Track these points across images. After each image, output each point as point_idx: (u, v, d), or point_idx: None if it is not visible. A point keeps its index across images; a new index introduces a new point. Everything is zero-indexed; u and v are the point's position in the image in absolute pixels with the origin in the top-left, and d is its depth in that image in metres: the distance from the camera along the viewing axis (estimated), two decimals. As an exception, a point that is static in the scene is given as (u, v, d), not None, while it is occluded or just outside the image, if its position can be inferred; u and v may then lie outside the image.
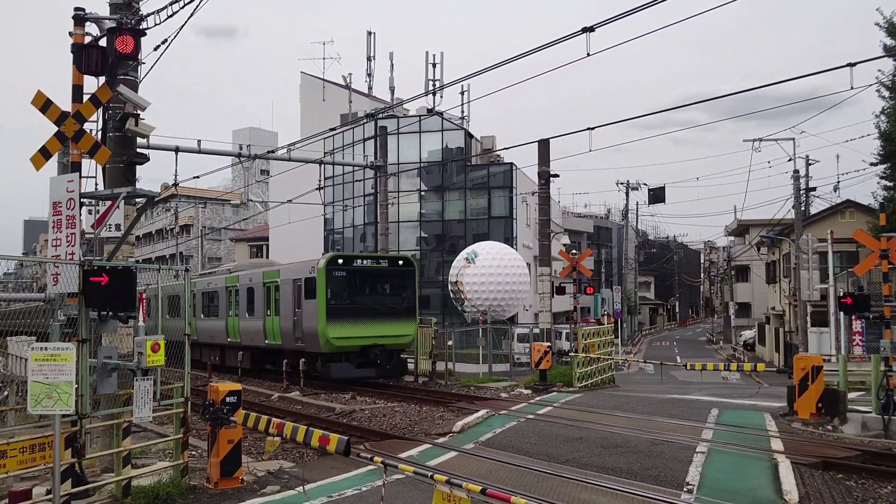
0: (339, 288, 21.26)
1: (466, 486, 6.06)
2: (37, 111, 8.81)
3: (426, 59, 43.18)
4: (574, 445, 11.94)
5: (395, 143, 39.53)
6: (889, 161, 31.39)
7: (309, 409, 18.31)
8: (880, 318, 14.04)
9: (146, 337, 8.28)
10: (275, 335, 23.38)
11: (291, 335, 22.32)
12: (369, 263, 22.38)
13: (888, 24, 30.60)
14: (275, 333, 23.36)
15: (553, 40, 12.71)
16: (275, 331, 23.35)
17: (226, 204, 70.99)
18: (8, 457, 7.30)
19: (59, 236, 8.61)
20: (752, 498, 8.75)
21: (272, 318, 23.63)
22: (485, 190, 43.14)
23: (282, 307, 22.91)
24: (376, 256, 23.49)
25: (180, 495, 8.95)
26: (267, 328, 23.89)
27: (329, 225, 46.89)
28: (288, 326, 22.55)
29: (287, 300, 22.61)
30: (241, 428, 9.70)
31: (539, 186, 25.61)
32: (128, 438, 9.04)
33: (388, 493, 7.94)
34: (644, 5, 11.51)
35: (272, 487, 9.51)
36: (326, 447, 9.80)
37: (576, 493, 8.93)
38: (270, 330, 23.67)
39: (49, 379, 6.98)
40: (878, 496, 9.06)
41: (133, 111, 10.58)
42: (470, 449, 11.90)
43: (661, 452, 11.19)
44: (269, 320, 23.82)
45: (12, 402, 11.94)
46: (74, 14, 10.25)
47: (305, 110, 52.04)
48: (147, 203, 10.51)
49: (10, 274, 74.54)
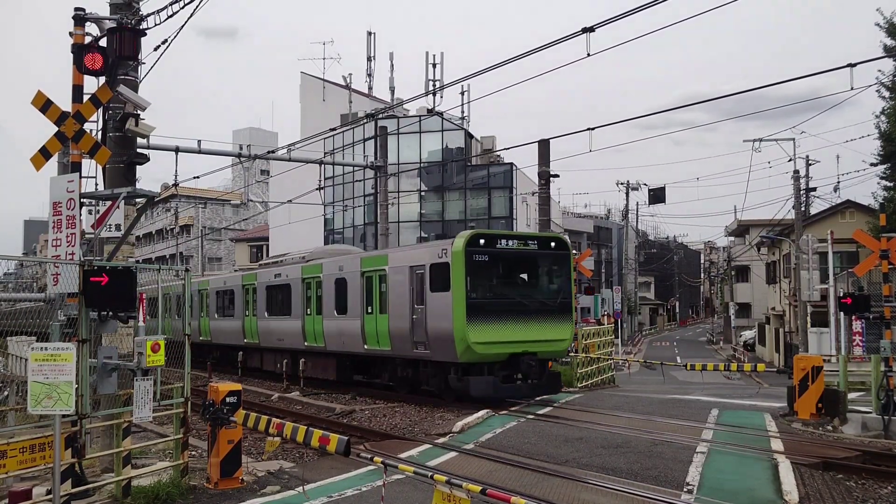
0: (480, 277, 16.53)
1: (466, 487, 6.06)
2: (37, 111, 8.82)
3: (426, 59, 43.28)
4: (574, 445, 11.94)
5: (395, 144, 39.55)
6: (889, 161, 31.41)
7: (309, 409, 18.32)
8: (880, 319, 14.06)
9: (146, 337, 8.28)
10: (380, 339, 18.58)
11: (407, 339, 17.45)
12: (516, 245, 17.15)
13: (888, 25, 30.62)
14: (380, 337, 18.56)
15: (553, 40, 12.74)
16: (380, 333, 18.56)
17: (226, 204, 71.06)
18: (8, 457, 7.30)
19: (60, 236, 8.61)
20: (753, 498, 8.75)
21: (375, 316, 18.88)
22: (485, 190, 43.16)
23: (392, 303, 18.06)
24: (523, 236, 18.55)
25: (180, 495, 8.95)
26: (367, 330, 19.12)
27: (329, 225, 46.91)
28: (402, 328, 17.62)
29: (400, 294, 17.72)
30: (241, 428, 9.71)
31: (539, 187, 25.60)
32: (128, 438, 9.04)
33: (388, 494, 7.94)
34: (644, 5, 11.52)
35: (272, 488, 9.51)
36: (326, 447, 9.82)
37: (576, 494, 8.93)
38: (372, 332, 18.91)
39: (49, 379, 6.98)
40: (878, 496, 9.06)
41: (133, 111, 10.60)
42: (470, 449, 11.90)
43: (661, 453, 11.18)
44: (371, 320, 19.06)
45: (12, 402, 11.95)
46: (74, 14, 10.26)
47: (305, 110, 52.08)
48: (147, 203, 10.51)
49: (10, 274, 74.54)
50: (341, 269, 20.56)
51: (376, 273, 18.95)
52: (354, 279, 19.73)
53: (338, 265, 20.81)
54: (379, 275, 18.81)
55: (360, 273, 19.54)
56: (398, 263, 18.13)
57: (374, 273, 19.07)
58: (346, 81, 49.29)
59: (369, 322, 19.07)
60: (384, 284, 18.52)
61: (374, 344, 18.81)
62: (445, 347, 16.27)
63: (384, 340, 18.39)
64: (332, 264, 21.17)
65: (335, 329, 20.57)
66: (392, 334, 17.99)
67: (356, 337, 19.50)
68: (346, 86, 48.95)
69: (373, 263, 19.23)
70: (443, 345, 16.34)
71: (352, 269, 20.03)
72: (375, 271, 19.01)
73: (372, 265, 19.22)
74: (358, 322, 19.43)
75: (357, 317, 19.49)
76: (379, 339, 18.59)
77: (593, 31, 12.06)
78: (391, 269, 18.28)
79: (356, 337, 19.50)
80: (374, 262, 19.18)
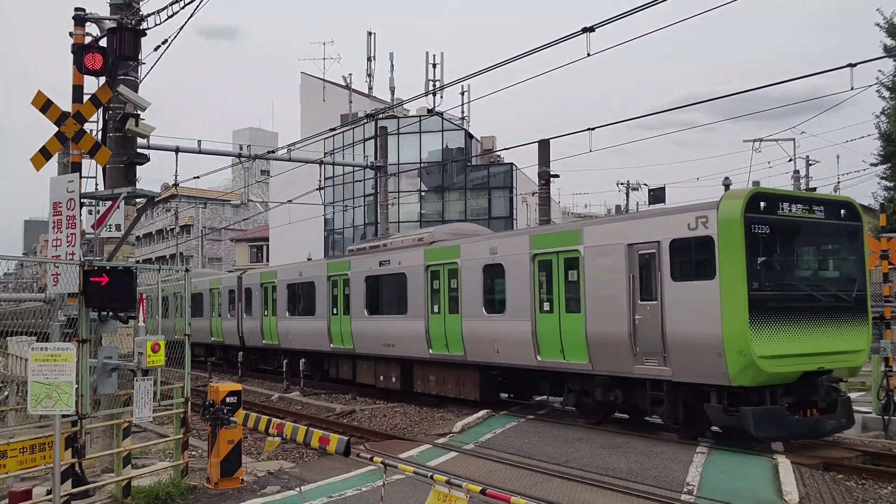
0: (764, 260, 11.74)
1: (466, 487, 6.06)
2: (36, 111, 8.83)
3: (426, 59, 43.33)
4: (574, 446, 11.95)
5: (396, 144, 39.54)
6: (889, 161, 31.42)
7: (309, 409, 18.33)
8: (880, 319, 14.03)
9: (146, 337, 8.28)
10: (569, 347, 13.69)
11: (623, 349, 12.54)
12: (801, 212, 11.87)
13: (888, 25, 30.63)
14: (570, 345, 13.66)
15: (553, 40, 12.76)
16: (570, 340, 13.65)
17: (226, 204, 71.09)
18: (8, 457, 7.31)
19: (60, 236, 8.62)
20: (753, 498, 8.74)
21: (558, 316, 13.98)
22: (485, 190, 43.16)
23: (592, 298, 13.25)
24: (807, 199, 12.38)
25: (180, 495, 8.95)
26: (543, 336, 14.25)
27: (329, 225, 46.94)
28: (612, 333, 12.77)
29: (608, 284, 12.95)
30: (241, 428, 9.71)
31: (539, 187, 25.60)
32: (128, 439, 9.03)
33: (388, 494, 7.94)
34: (644, 5, 11.53)
35: (272, 488, 9.52)
36: (326, 447, 9.81)
37: (576, 494, 8.93)
38: (552, 339, 14.04)
39: (49, 379, 6.98)
40: (879, 497, 9.07)
41: (133, 111, 10.61)
42: (470, 449, 11.90)
43: (662, 453, 11.18)
44: (549, 321, 14.15)
45: (12, 403, 11.96)
46: (75, 14, 10.27)
47: (305, 111, 52.16)
48: (147, 203, 10.54)
49: (10, 274, 74.57)
50: (494, 253, 15.63)
51: (560, 256, 14.08)
52: (519, 265, 14.91)
53: (488, 247, 15.89)
54: (565, 258, 13.96)
55: (530, 256, 14.67)
56: (603, 241, 13.27)
57: (555, 256, 14.20)
58: (346, 81, 49.36)
59: (547, 324, 14.20)
60: (575, 271, 13.70)
61: (555, 355, 13.92)
62: (702, 363, 11.33)
63: (576, 349, 13.51)
64: (479, 247, 16.27)
65: (485, 333, 15.75)
66: (591, 341, 13.17)
67: (524, 344, 14.66)
68: (346, 86, 49.00)
69: (554, 242, 14.38)
70: (698, 359, 11.41)
71: (515, 251, 15.16)
72: (559, 253, 14.13)
73: (552, 244, 14.37)
74: (527, 325, 14.55)
75: (525, 317, 14.65)
76: (567, 348, 13.70)
77: (593, 31, 12.08)
78: (591, 248, 13.40)
79: (524, 344, 14.66)
80: (557, 241, 14.34)
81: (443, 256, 17.09)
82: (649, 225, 12.54)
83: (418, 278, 17.63)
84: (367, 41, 50.78)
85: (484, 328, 15.78)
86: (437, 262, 17.23)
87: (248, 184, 24.90)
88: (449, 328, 16.68)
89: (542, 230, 16.44)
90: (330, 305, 21.36)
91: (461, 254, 16.52)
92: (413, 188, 43.33)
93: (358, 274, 20.03)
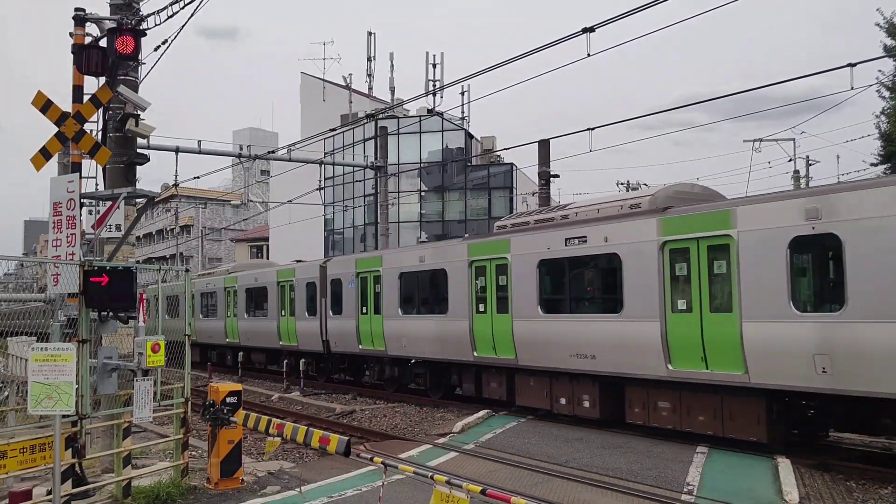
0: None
1: (467, 487, 6.06)
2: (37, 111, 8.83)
3: (426, 59, 43.28)
4: (574, 446, 11.95)
5: (396, 144, 39.55)
6: (889, 161, 31.38)
7: (309, 409, 18.33)
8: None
9: (146, 337, 8.28)
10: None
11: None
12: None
13: (888, 25, 30.61)
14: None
15: (553, 41, 12.75)
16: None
17: (226, 204, 71.08)
18: (8, 457, 7.31)
19: (60, 237, 8.61)
20: (753, 498, 8.74)
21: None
22: (485, 190, 43.16)
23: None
24: None
25: (180, 496, 8.95)
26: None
27: (329, 225, 46.95)
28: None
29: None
30: (241, 428, 9.71)
31: (539, 187, 25.59)
32: (128, 439, 9.04)
33: (389, 494, 7.95)
34: (644, 5, 11.53)
35: (272, 488, 9.51)
36: (327, 448, 9.82)
37: (576, 494, 8.93)
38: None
39: (49, 379, 6.98)
40: (879, 497, 9.06)
41: (133, 111, 10.60)
42: (470, 449, 11.89)
43: (661, 453, 11.18)
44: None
45: (12, 403, 11.95)
46: (75, 14, 10.27)
47: (306, 111, 52.17)
48: (147, 203, 10.53)
49: (10, 274, 74.54)
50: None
51: (814, 235, 9.87)
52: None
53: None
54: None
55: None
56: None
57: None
58: (346, 81, 49.37)
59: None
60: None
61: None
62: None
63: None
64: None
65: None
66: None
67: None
68: (346, 86, 49.00)
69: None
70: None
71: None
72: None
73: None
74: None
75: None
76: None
77: (593, 31, 12.07)
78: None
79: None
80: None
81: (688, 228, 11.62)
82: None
83: (642, 261, 12.27)
84: (367, 41, 50.83)
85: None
86: (680, 238, 11.71)
87: (248, 184, 24.90)
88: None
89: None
90: (473, 301, 15.98)
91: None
92: (413, 188, 43.33)
93: (524, 258, 14.53)
